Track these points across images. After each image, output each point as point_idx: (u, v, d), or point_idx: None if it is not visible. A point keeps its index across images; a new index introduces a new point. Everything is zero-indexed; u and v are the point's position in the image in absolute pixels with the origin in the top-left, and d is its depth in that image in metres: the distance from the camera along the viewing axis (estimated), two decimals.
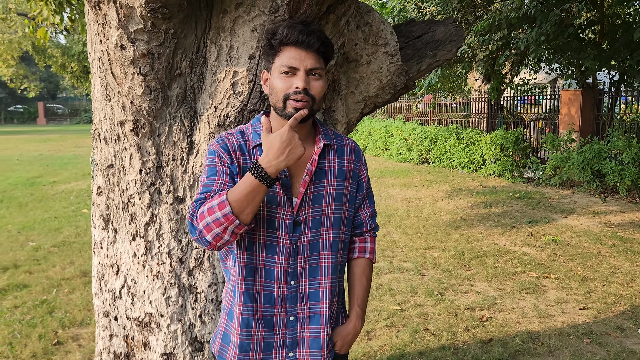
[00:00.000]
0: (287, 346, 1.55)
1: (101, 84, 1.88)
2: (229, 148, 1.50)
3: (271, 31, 1.47)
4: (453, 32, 2.62)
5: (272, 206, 1.48)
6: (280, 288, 1.52)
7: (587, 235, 6.28)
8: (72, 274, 4.96)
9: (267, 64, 1.50)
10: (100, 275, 2.11)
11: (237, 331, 1.54)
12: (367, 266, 1.68)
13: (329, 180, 1.54)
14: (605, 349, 3.46)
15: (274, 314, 1.53)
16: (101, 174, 2.02)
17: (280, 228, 1.49)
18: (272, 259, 1.51)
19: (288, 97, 1.43)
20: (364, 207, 1.66)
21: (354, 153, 1.61)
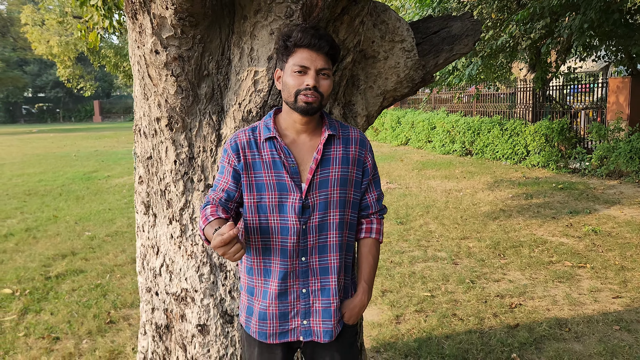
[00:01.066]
0: (301, 315, 1.74)
1: (140, 84, 2.12)
2: (238, 147, 1.70)
3: (286, 34, 1.67)
4: (470, 27, 2.73)
5: (283, 193, 1.68)
6: (293, 264, 1.71)
7: (629, 226, 6.17)
8: (124, 261, 5.33)
9: (281, 63, 1.70)
10: (142, 256, 2.37)
11: (258, 304, 1.75)
12: (374, 245, 1.84)
13: (334, 167, 1.71)
14: (634, 336, 3.48)
15: (288, 287, 1.72)
16: (142, 165, 2.27)
17: (291, 211, 1.68)
18: (285, 239, 1.70)
19: (299, 92, 1.62)
20: (370, 191, 1.83)
21: (358, 142, 1.78)
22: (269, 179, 1.67)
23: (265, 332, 1.74)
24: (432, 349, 3.33)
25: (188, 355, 2.23)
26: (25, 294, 4.47)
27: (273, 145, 1.69)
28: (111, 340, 3.59)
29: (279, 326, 1.74)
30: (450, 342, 3.45)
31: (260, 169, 1.68)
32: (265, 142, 1.69)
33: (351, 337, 1.85)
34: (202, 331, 2.17)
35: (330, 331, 1.74)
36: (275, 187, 1.67)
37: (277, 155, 1.68)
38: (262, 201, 1.68)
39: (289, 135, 1.73)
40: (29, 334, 3.71)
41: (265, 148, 1.69)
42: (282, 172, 1.67)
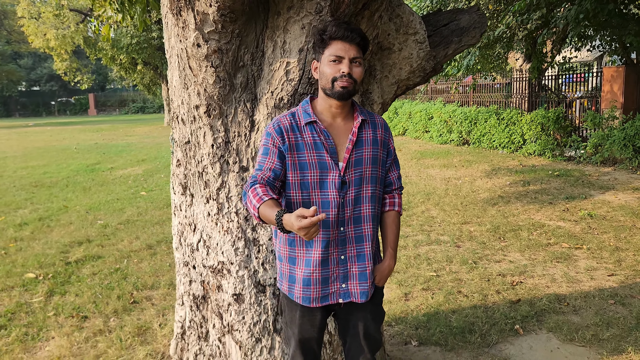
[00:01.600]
0: (340, 280, 1.97)
1: (180, 75, 2.32)
2: (282, 130, 1.89)
3: (322, 29, 1.89)
4: (477, 20, 2.93)
5: (324, 171, 1.90)
6: (333, 234, 1.93)
7: (623, 210, 6.43)
8: (139, 247, 5.54)
9: (317, 55, 1.91)
10: (179, 233, 2.58)
11: (301, 271, 1.96)
12: (396, 217, 2.07)
13: (367, 148, 1.95)
14: (628, 309, 3.72)
15: (329, 255, 1.94)
16: (180, 149, 2.47)
17: (331, 186, 1.90)
18: (327, 212, 1.91)
19: (336, 79, 1.84)
20: (392, 170, 2.07)
21: (383, 127, 2.03)
22: (311, 159, 1.88)
23: (309, 296, 1.96)
24: (441, 322, 3.57)
25: (224, 322, 2.45)
26: (49, 277, 4.67)
27: (314, 129, 1.90)
28: (137, 318, 3.81)
29: (322, 290, 1.96)
30: (457, 316, 3.69)
31: (303, 150, 1.88)
32: (306, 126, 1.90)
33: (379, 298, 2.08)
34: (237, 300, 2.39)
35: (367, 292, 1.97)
36: (317, 165, 1.88)
37: (318, 138, 1.89)
38: (305, 178, 1.89)
39: (325, 120, 1.94)
40: (58, 314, 3.92)
41: (306, 131, 1.90)
42: (322, 152, 1.88)
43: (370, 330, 2.04)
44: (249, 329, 2.39)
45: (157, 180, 9.90)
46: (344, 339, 2.11)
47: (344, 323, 2.07)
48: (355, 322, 2.03)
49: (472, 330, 3.45)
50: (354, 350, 2.07)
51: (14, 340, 3.51)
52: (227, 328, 2.45)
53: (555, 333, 3.40)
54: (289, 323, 2.06)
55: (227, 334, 2.45)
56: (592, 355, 3.12)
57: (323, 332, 2.09)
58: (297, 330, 2.02)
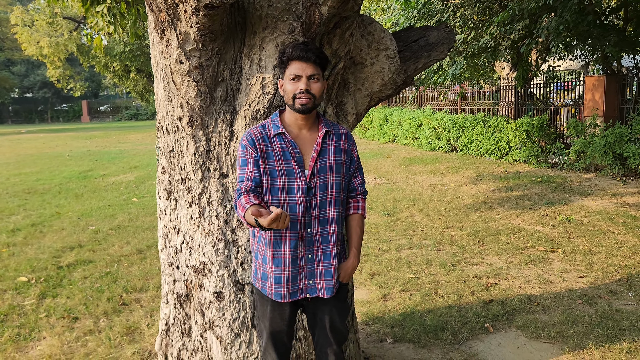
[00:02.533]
0: (308, 276, 2.15)
1: (164, 89, 2.50)
2: (254, 141, 2.08)
3: (281, 51, 2.11)
4: (445, 36, 3.13)
5: (291, 178, 2.09)
6: (301, 235, 2.12)
7: (600, 215, 6.65)
8: (130, 252, 5.69)
9: (282, 74, 2.12)
10: (164, 235, 2.75)
11: (272, 270, 2.15)
12: (360, 219, 2.27)
13: (330, 156, 2.15)
14: (594, 308, 3.92)
15: (297, 254, 2.13)
16: (164, 157, 2.65)
17: (298, 192, 2.10)
18: (294, 215, 2.10)
19: (295, 96, 2.05)
20: (355, 176, 2.27)
21: (347, 137, 2.23)
22: (280, 166, 2.08)
23: (280, 292, 2.15)
24: (416, 321, 3.75)
25: (206, 318, 2.62)
26: (41, 281, 4.82)
27: (282, 139, 2.09)
28: (126, 319, 3.96)
29: (291, 287, 2.15)
30: (432, 315, 3.87)
31: (273, 158, 2.08)
32: (275, 137, 2.10)
33: (344, 293, 2.27)
34: (218, 297, 2.56)
35: (332, 288, 2.16)
36: (285, 172, 2.08)
37: (286, 147, 2.09)
38: (275, 184, 2.08)
39: (292, 131, 2.14)
40: (50, 315, 4.07)
41: (275, 142, 2.09)
42: (290, 160, 2.08)
43: (335, 324, 2.23)
44: (228, 324, 2.57)
45: (148, 187, 10.05)
46: (313, 332, 2.30)
47: (312, 317, 2.26)
48: (322, 315, 2.22)
49: (444, 328, 3.64)
50: (322, 342, 2.25)
51: (6, 340, 3.66)
52: (208, 324, 2.62)
53: (523, 331, 3.59)
54: (261, 317, 2.25)
55: (209, 330, 2.62)
56: (556, 350, 3.31)
57: (293, 325, 2.27)
58: (268, 324, 2.20)
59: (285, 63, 2.06)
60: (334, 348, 2.25)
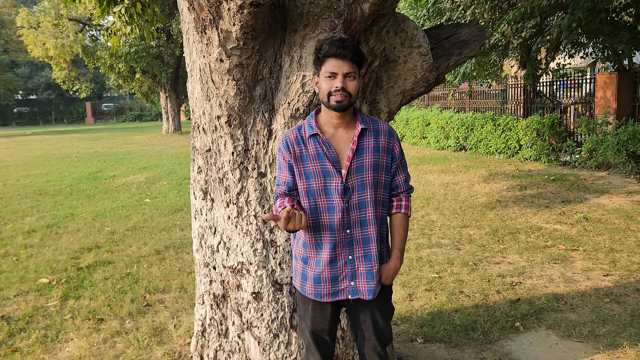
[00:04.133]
0: (349, 278, 2.13)
1: (202, 88, 2.48)
2: (288, 145, 2.10)
3: (317, 48, 2.08)
4: (476, 33, 3.11)
5: (327, 179, 2.08)
6: (340, 236, 2.10)
7: (617, 213, 6.61)
8: (148, 252, 5.68)
9: (317, 72, 2.10)
10: (200, 236, 2.73)
11: (312, 270, 2.13)
12: (404, 219, 2.23)
13: (367, 155, 2.10)
14: (622, 307, 3.89)
15: (337, 255, 2.12)
16: (201, 156, 2.64)
17: (335, 193, 2.08)
18: (332, 216, 2.09)
19: (331, 94, 2.03)
20: (398, 173, 2.22)
21: (387, 133, 2.16)
22: (315, 168, 2.07)
23: (320, 292, 2.13)
24: (444, 321, 3.72)
25: (243, 319, 2.60)
26: (62, 282, 4.81)
27: (316, 140, 2.08)
28: (152, 320, 3.95)
29: (331, 287, 2.13)
30: (460, 314, 3.85)
31: (307, 160, 2.08)
32: (310, 138, 2.09)
33: (387, 295, 2.24)
34: (256, 298, 2.54)
35: (373, 289, 2.13)
36: (320, 174, 2.07)
37: (320, 148, 2.07)
38: (311, 187, 2.08)
39: (328, 131, 2.12)
40: (75, 317, 4.06)
41: (310, 143, 2.09)
42: (325, 161, 2.07)
43: (379, 325, 2.20)
44: (267, 325, 2.55)
45: (160, 187, 10.05)
46: (355, 334, 2.28)
47: (354, 318, 2.24)
48: (364, 317, 2.20)
49: (474, 327, 3.61)
50: (365, 343, 2.23)
51: (34, 342, 3.65)
52: (246, 325, 2.60)
53: (553, 330, 3.56)
54: (302, 316, 2.24)
55: (246, 331, 2.60)
56: (589, 349, 3.28)
57: (336, 324, 2.26)
58: (310, 323, 2.20)
59: (321, 60, 2.04)
60: (378, 350, 2.22)
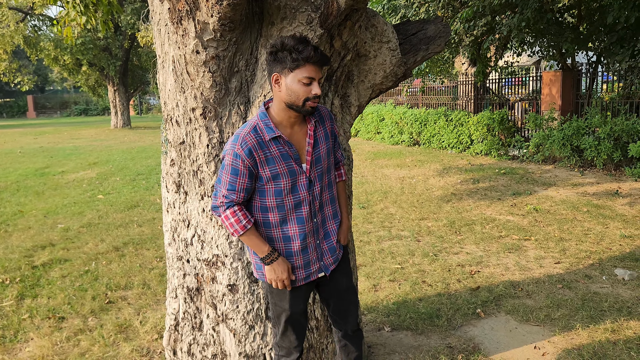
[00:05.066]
0: (318, 259, 2.27)
1: (176, 80, 2.45)
2: (251, 151, 2.02)
3: (296, 49, 1.96)
4: (442, 29, 3.21)
5: (294, 177, 2.14)
6: (308, 227, 2.21)
7: (565, 204, 6.96)
8: (106, 249, 5.54)
9: (281, 69, 2.00)
10: (173, 229, 2.71)
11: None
12: (344, 184, 2.44)
13: (322, 145, 2.21)
14: (574, 292, 4.12)
15: (307, 244, 2.22)
16: (174, 149, 2.61)
17: (301, 189, 2.16)
18: (300, 210, 2.17)
19: (308, 99, 2.03)
20: (337, 149, 2.37)
21: (328, 117, 2.28)
22: (282, 169, 2.10)
23: (294, 279, 2.23)
24: (410, 309, 3.83)
25: (218, 311, 2.60)
26: (16, 282, 4.63)
27: (278, 142, 2.08)
28: (116, 317, 3.87)
29: (304, 272, 2.25)
30: (424, 303, 3.97)
31: (274, 163, 2.08)
32: (271, 140, 2.07)
33: (346, 255, 2.42)
34: (231, 290, 2.55)
35: (337, 258, 2.34)
36: (287, 174, 2.11)
37: (284, 149, 2.10)
38: (279, 187, 2.11)
39: (285, 130, 2.13)
40: (33, 316, 3.92)
41: (272, 145, 2.08)
42: (290, 161, 2.11)
43: (350, 283, 2.41)
44: (242, 317, 2.56)
45: (112, 183, 9.77)
46: (328, 304, 2.41)
47: (325, 289, 2.37)
48: (335, 282, 2.36)
49: (438, 315, 3.74)
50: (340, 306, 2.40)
51: None
52: (221, 317, 2.60)
53: (512, 315, 3.74)
54: (277, 302, 2.28)
55: (222, 323, 2.60)
56: (546, 332, 3.46)
57: (307, 303, 2.35)
58: (288, 306, 2.25)
59: (298, 62, 1.96)
60: (353, 306, 2.44)
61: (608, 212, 6.46)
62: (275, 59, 2.01)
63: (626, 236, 5.48)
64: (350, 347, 2.49)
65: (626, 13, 8.51)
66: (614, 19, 8.76)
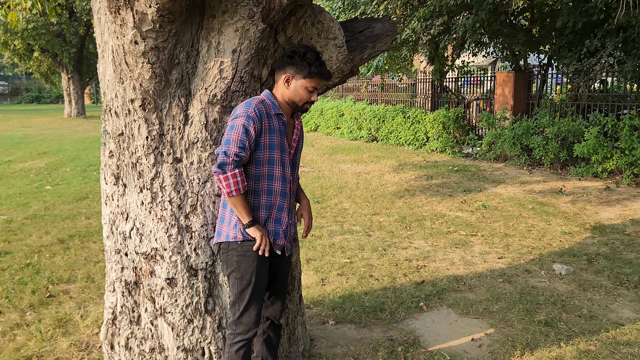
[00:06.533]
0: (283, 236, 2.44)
1: (115, 70, 2.41)
2: (261, 116, 2.26)
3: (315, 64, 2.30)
4: (389, 28, 3.26)
5: (284, 153, 2.37)
6: (287, 202, 2.42)
7: (512, 201, 7.19)
8: (50, 242, 5.38)
9: (295, 73, 2.31)
10: (111, 222, 2.66)
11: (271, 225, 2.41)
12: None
13: (301, 142, 2.49)
14: (513, 286, 4.27)
15: (281, 217, 2.41)
16: (113, 141, 2.56)
17: (287, 165, 2.40)
18: (285, 185, 2.39)
19: (306, 102, 2.37)
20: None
21: (301, 122, 2.53)
22: (279, 141, 2.34)
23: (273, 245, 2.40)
24: (355, 303, 3.89)
25: (157, 305, 2.58)
26: None
27: (279, 119, 2.35)
28: (55, 311, 3.77)
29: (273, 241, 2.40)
30: (369, 297, 4.04)
31: (274, 133, 2.32)
32: (275, 115, 2.33)
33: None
34: (170, 284, 2.53)
35: (292, 247, 2.59)
36: (280, 147, 2.35)
37: (282, 126, 2.36)
38: (273, 156, 2.33)
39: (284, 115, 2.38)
40: None
41: (275, 120, 2.33)
42: (284, 138, 2.37)
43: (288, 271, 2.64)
44: (181, 310, 2.54)
45: (62, 174, 9.49)
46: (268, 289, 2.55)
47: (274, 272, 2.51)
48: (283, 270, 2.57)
49: (382, 308, 3.81)
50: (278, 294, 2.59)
51: None
52: (159, 311, 2.58)
53: (453, 308, 3.85)
54: (244, 274, 2.34)
55: (160, 317, 2.58)
56: (484, 325, 3.58)
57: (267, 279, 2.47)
58: (254, 277, 2.34)
59: (311, 74, 2.29)
60: (284, 295, 2.65)
61: (551, 209, 6.72)
62: (292, 62, 2.30)
63: (566, 233, 5.71)
64: (273, 338, 2.63)
65: (574, 18, 8.83)
66: (563, 24, 9.08)
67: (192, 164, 2.49)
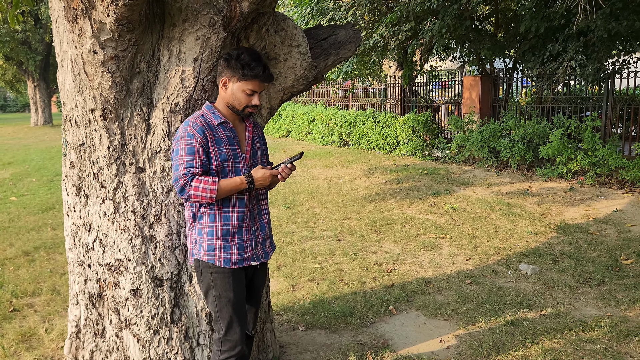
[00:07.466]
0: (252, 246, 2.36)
1: (74, 79, 2.38)
2: (203, 130, 2.21)
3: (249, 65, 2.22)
4: (352, 35, 3.29)
5: (237, 160, 2.31)
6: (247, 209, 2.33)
7: (479, 203, 7.31)
8: (15, 254, 5.25)
9: (231, 75, 2.24)
10: (73, 233, 2.62)
11: (220, 241, 2.29)
12: None
13: (257, 143, 2.45)
14: (481, 287, 4.34)
15: (243, 227, 2.32)
16: (73, 151, 2.52)
17: (243, 172, 2.31)
18: (242, 194, 2.30)
19: (247, 106, 2.29)
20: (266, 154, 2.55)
21: (259, 126, 2.53)
22: (228, 151, 2.27)
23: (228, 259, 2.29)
24: (325, 308, 3.90)
25: (122, 317, 2.54)
26: None
27: (225, 127, 2.29)
28: (19, 326, 3.68)
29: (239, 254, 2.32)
30: (339, 302, 4.05)
31: (222, 144, 2.26)
32: (219, 125, 2.27)
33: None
34: (135, 295, 2.50)
35: (269, 253, 2.47)
36: (232, 156, 2.29)
37: (229, 134, 2.30)
38: (225, 167, 2.27)
39: (229, 121, 2.33)
40: None
41: (219, 129, 2.27)
42: (234, 146, 2.31)
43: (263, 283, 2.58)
44: (146, 322, 2.52)
45: (28, 184, 9.27)
46: None
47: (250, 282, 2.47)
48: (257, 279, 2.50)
49: (352, 313, 3.83)
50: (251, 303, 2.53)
51: None
52: (124, 323, 2.55)
53: (422, 311, 3.89)
54: (222, 292, 2.30)
55: (125, 329, 2.55)
56: (452, 326, 3.64)
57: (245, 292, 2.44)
58: (233, 295, 2.30)
59: (247, 76, 2.22)
60: (258, 307, 2.59)
61: (518, 210, 6.86)
62: (228, 65, 2.25)
63: (532, 233, 5.84)
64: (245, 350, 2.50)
65: (537, 23, 9.06)
66: (526, 28, 9.30)
67: (155, 173, 2.47)
